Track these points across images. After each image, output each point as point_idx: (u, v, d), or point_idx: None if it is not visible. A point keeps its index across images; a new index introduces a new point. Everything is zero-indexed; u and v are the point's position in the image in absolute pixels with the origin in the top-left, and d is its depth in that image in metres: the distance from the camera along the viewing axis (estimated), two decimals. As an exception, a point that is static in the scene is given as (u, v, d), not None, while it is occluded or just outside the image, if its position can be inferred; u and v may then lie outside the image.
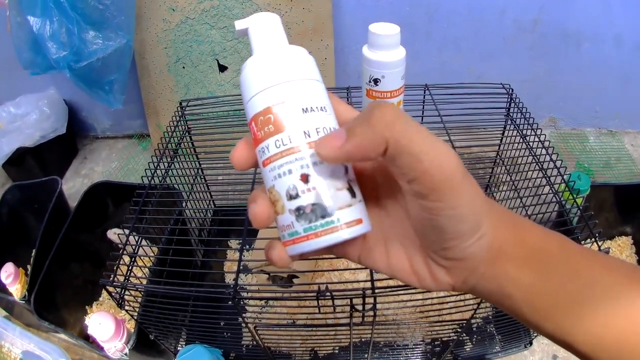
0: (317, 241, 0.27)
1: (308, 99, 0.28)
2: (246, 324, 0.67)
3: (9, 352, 0.88)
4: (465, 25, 1.25)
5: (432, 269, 0.29)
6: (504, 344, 0.93)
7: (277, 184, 0.27)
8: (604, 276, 0.27)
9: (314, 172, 0.27)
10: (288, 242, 0.28)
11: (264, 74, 0.28)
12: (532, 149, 0.83)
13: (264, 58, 0.29)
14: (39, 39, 1.05)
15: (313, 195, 0.27)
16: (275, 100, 0.27)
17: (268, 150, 0.27)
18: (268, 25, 0.30)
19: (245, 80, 0.29)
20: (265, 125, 0.27)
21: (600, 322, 0.26)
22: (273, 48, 0.29)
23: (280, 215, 0.28)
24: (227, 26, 1.21)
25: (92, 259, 1.11)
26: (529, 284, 0.27)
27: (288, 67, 0.28)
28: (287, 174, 0.27)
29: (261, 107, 0.28)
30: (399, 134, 0.25)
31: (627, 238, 1.10)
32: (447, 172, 0.25)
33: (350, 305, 0.59)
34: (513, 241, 0.28)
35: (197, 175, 1.02)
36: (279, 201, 0.27)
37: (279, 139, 0.27)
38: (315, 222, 0.27)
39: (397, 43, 0.59)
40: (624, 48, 1.27)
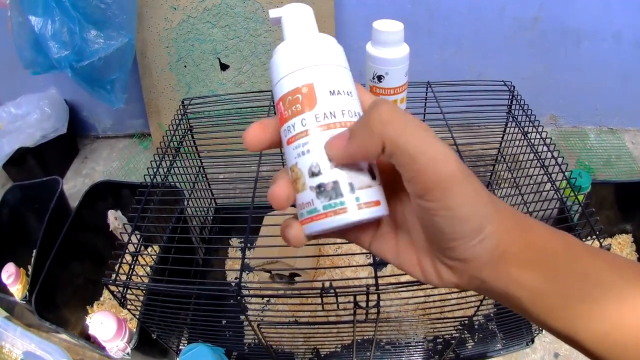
0: (335, 219, 0.27)
1: (335, 82, 0.29)
2: (249, 322, 0.67)
3: (9, 352, 0.87)
4: (466, 23, 1.25)
5: (437, 266, 0.30)
6: (505, 341, 0.93)
7: (300, 161, 0.28)
8: (611, 275, 0.27)
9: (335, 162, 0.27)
10: (306, 220, 0.28)
11: (294, 57, 0.29)
12: (534, 146, 0.83)
13: (295, 43, 0.30)
14: (41, 38, 1.04)
15: (335, 173, 0.27)
16: (305, 81, 0.28)
17: (294, 129, 0.28)
18: (300, 14, 0.31)
19: (275, 63, 0.30)
20: (292, 104, 0.28)
21: (607, 320, 0.27)
22: (304, 34, 0.31)
23: (300, 193, 0.28)
24: (228, 24, 1.21)
25: (93, 259, 1.10)
26: (535, 286, 0.28)
27: (317, 52, 0.29)
28: (311, 151, 0.27)
29: (290, 87, 0.28)
30: (395, 133, 0.25)
31: (627, 236, 1.10)
32: (442, 173, 0.25)
33: (354, 303, 0.59)
34: (519, 243, 0.28)
35: (199, 174, 1.02)
36: (300, 179, 0.28)
37: (305, 118, 0.28)
38: (335, 200, 0.27)
39: (401, 40, 0.59)
40: (623, 45, 1.27)
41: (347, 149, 0.27)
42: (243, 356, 0.93)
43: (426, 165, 0.25)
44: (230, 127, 0.95)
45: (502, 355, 0.93)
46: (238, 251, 1.11)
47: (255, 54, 1.25)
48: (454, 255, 0.28)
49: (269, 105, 0.92)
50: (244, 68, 1.28)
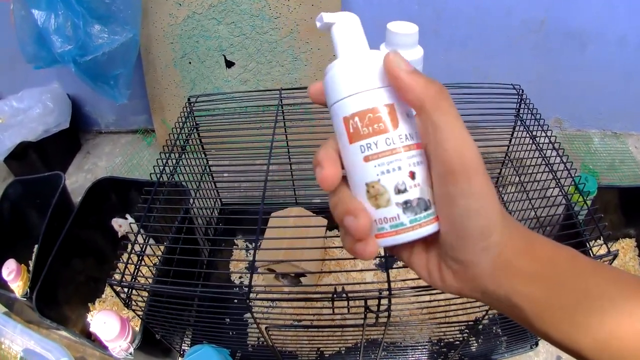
0: (420, 231, 0.29)
1: (406, 105, 0.30)
2: (257, 324, 0.67)
3: (9, 349, 0.87)
4: (472, 25, 1.25)
5: (442, 271, 0.31)
6: (509, 344, 0.93)
7: (384, 179, 0.29)
8: (613, 289, 0.29)
9: (418, 170, 0.29)
10: (389, 234, 0.30)
11: (367, 74, 0.29)
12: (542, 150, 0.82)
13: (366, 59, 0.30)
14: (44, 32, 1.04)
15: (419, 191, 0.29)
16: (385, 100, 0.29)
17: (376, 147, 0.29)
18: (353, 25, 0.32)
19: (339, 78, 0.30)
20: (373, 122, 0.29)
21: (606, 330, 0.27)
22: (365, 51, 0.31)
23: (381, 209, 0.30)
24: (234, 21, 1.20)
25: (96, 256, 1.10)
26: (538, 298, 0.29)
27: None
28: (397, 169, 0.29)
29: (368, 105, 0.29)
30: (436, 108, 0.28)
31: (630, 240, 1.10)
32: (468, 159, 0.28)
33: (365, 307, 0.59)
34: (524, 257, 0.29)
35: (205, 172, 1.02)
36: (383, 195, 0.29)
37: (390, 137, 0.29)
38: (420, 214, 0.29)
39: (415, 42, 0.58)
40: (628, 49, 1.27)
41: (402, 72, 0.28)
42: (247, 357, 0.92)
43: (456, 145, 0.28)
44: (237, 126, 0.94)
45: (505, 358, 0.93)
46: (242, 252, 1.11)
47: (261, 52, 1.24)
48: (459, 256, 0.30)
49: (277, 105, 0.91)
50: (249, 65, 1.27)
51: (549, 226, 0.78)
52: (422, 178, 0.29)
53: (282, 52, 1.24)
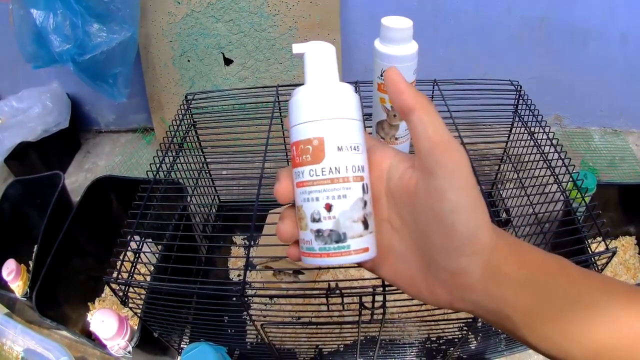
0: (328, 260, 0.31)
1: (344, 137, 0.31)
2: (253, 321, 0.67)
3: (10, 350, 0.87)
4: (472, 22, 1.25)
5: (430, 284, 0.31)
6: (508, 342, 0.93)
7: (305, 206, 0.31)
8: (603, 297, 0.28)
9: (337, 203, 0.31)
10: (305, 254, 0.32)
11: (311, 106, 0.31)
12: (540, 147, 0.82)
13: (313, 91, 0.32)
14: (43, 32, 1.04)
15: (332, 223, 0.31)
16: (316, 133, 0.31)
17: (302, 176, 0.31)
18: (322, 54, 0.33)
19: (293, 107, 0.32)
20: (304, 153, 0.31)
21: (599, 341, 0.27)
22: (323, 82, 0.33)
23: (302, 231, 0.32)
24: (233, 19, 1.20)
25: (95, 255, 1.10)
26: (527, 306, 0.28)
27: (332, 105, 0.31)
28: (315, 200, 0.31)
29: (303, 136, 0.31)
30: (426, 110, 0.30)
31: (630, 238, 1.10)
32: (457, 153, 0.28)
33: (360, 303, 0.59)
34: (512, 264, 0.29)
35: (202, 169, 1.02)
36: (303, 219, 0.32)
37: (313, 169, 0.31)
38: (329, 245, 0.31)
39: (410, 37, 0.58)
40: (629, 47, 1.26)
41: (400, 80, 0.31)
42: (245, 355, 0.92)
43: (444, 141, 0.29)
44: (234, 123, 0.94)
45: (505, 356, 0.93)
46: (241, 249, 1.11)
47: (260, 49, 1.24)
48: (448, 264, 0.29)
49: (274, 101, 0.91)
50: (247, 63, 1.27)
51: (548, 223, 0.77)
52: (339, 212, 0.31)
53: (280, 49, 1.24)
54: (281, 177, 0.33)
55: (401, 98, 0.30)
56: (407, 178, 0.31)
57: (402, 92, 0.30)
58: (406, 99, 0.30)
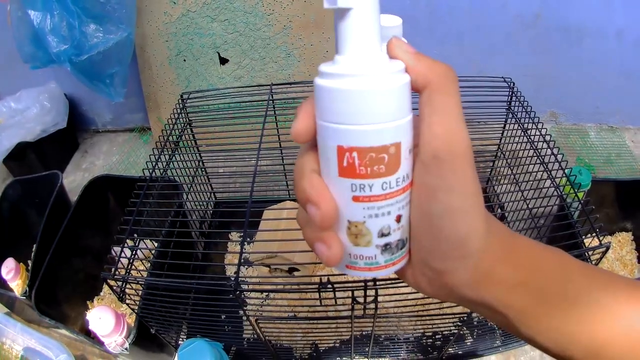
0: (393, 268, 0.28)
1: (410, 137, 0.26)
2: (247, 317, 0.67)
3: (10, 349, 0.87)
4: (467, 20, 1.25)
5: (415, 276, 0.30)
6: (504, 338, 0.93)
7: (370, 222, 0.26)
8: (604, 295, 0.27)
9: (405, 211, 0.27)
10: (362, 269, 0.28)
11: (383, 101, 0.24)
12: (534, 143, 0.83)
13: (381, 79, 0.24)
14: (40, 32, 1.04)
15: (399, 233, 0.27)
16: (394, 139, 0.25)
17: (370, 190, 0.25)
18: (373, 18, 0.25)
19: (345, 96, 0.24)
20: (375, 163, 0.25)
21: (599, 339, 0.27)
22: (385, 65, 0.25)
23: (361, 247, 0.27)
24: (228, 19, 1.21)
25: (93, 253, 1.10)
26: (523, 306, 0.27)
27: (405, 99, 0.25)
28: (386, 215, 0.26)
29: (376, 142, 0.24)
30: (439, 88, 0.25)
31: (627, 234, 1.10)
32: (457, 149, 0.25)
33: (352, 298, 0.59)
34: (505, 264, 0.27)
35: (198, 167, 1.02)
36: (365, 236, 0.27)
37: (387, 182, 0.25)
38: (395, 254, 0.28)
39: (400, 35, 0.58)
40: (625, 44, 1.26)
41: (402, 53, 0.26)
42: (242, 351, 0.93)
43: (446, 133, 0.25)
44: (230, 121, 0.95)
45: (500, 352, 0.93)
46: (237, 245, 1.11)
47: (255, 48, 1.25)
48: (433, 264, 0.28)
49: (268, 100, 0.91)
50: (243, 62, 1.28)
51: (542, 218, 0.78)
52: (406, 218, 0.27)
53: (275, 48, 1.25)
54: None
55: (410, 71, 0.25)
56: None
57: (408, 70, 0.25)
58: (415, 78, 0.25)
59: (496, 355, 0.94)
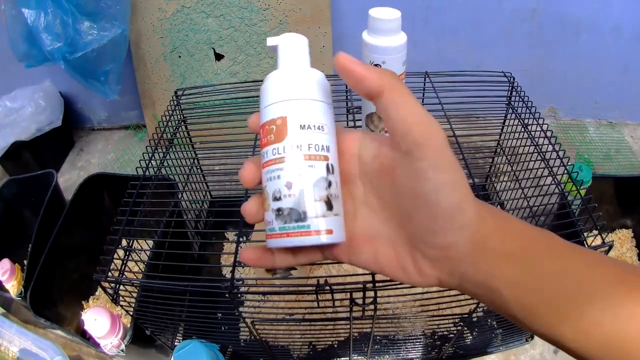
0: (289, 240, 0.31)
1: (307, 117, 0.31)
2: (243, 318, 0.66)
3: (6, 350, 0.86)
4: (463, 14, 1.24)
5: (418, 263, 0.30)
6: (504, 337, 0.92)
7: (268, 185, 0.31)
8: (593, 275, 0.28)
9: (298, 181, 0.30)
10: (268, 235, 0.32)
11: (276, 89, 0.32)
12: (534, 139, 0.81)
13: (281, 75, 0.33)
14: (34, 31, 1.04)
15: (292, 201, 0.30)
16: (280, 113, 0.31)
17: (267, 155, 0.32)
18: (294, 45, 0.34)
19: (263, 91, 0.33)
20: (268, 133, 0.32)
21: (588, 320, 0.27)
22: (291, 67, 0.34)
23: (266, 212, 0.32)
24: (223, 14, 1.20)
25: (88, 253, 1.09)
26: (515, 280, 0.28)
27: (297, 86, 0.32)
28: (276, 178, 0.31)
29: (269, 117, 0.32)
30: (396, 89, 0.29)
31: (627, 231, 1.09)
32: (432, 132, 0.28)
33: (351, 299, 0.58)
34: (498, 236, 0.29)
35: (193, 165, 1.01)
36: (266, 200, 0.32)
37: (276, 148, 0.31)
38: (289, 224, 0.30)
39: (398, 28, 0.57)
40: (623, 38, 1.25)
41: (354, 66, 0.29)
42: (238, 352, 0.92)
43: (419, 120, 0.28)
44: (225, 118, 0.93)
45: (501, 351, 0.93)
46: (233, 245, 1.10)
47: (250, 44, 1.24)
48: (435, 240, 0.29)
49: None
50: (238, 58, 1.26)
51: (543, 216, 0.77)
52: (300, 190, 0.30)
53: (271, 44, 1.23)
54: (246, 162, 0.34)
55: (363, 85, 0.29)
56: (383, 158, 0.31)
57: (363, 78, 0.29)
58: (369, 84, 0.29)
59: (496, 355, 0.93)
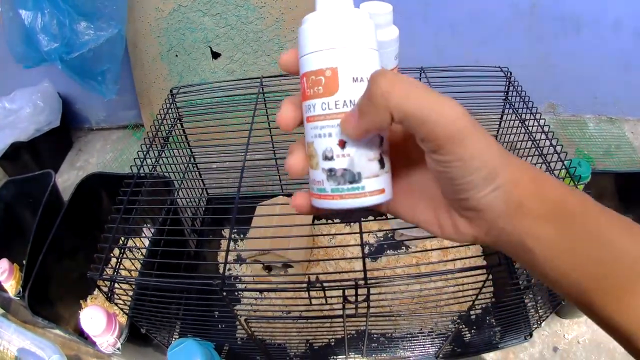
0: (341, 202, 0.29)
1: (359, 68, 0.29)
2: (237, 316, 0.66)
3: (5, 350, 0.87)
4: (462, 9, 1.23)
5: (455, 221, 0.31)
6: (503, 335, 0.92)
7: (317, 142, 0.30)
8: (624, 238, 0.28)
9: (351, 139, 0.29)
10: (315, 195, 0.31)
11: (322, 34, 0.29)
12: (532, 134, 0.81)
13: (326, 17, 0.29)
14: (31, 32, 1.04)
15: (346, 161, 0.29)
16: (329, 63, 0.28)
17: (314, 109, 0.29)
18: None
19: (302, 35, 0.30)
20: (315, 85, 0.29)
21: (619, 287, 0.27)
22: (336, 8, 0.30)
23: (313, 170, 0.30)
24: (219, 12, 1.20)
25: (86, 252, 1.09)
26: (548, 239, 0.28)
27: (346, 32, 0.29)
28: (327, 136, 0.29)
29: (314, 66, 0.29)
30: (399, 102, 0.27)
31: (628, 227, 1.08)
32: (452, 129, 0.27)
33: (343, 297, 0.58)
34: (533, 195, 0.29)
35: (190, 163, 1.01)
36: (314, 157, 0.30)
37: (326, 102, 0.29)
38: (342, 185, 0.29)
39: (390, 22, 0.57)
40: (623, 34, 1.24)
41: (360, 126, 0.28)
42: (234, 350, 0.91)
43: (435, 124, 0.26)
44: (221, 116, 0.93)
45: (500, 349, 0.92)
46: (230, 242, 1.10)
47: (247, 42, 1.24)
48: (470, 205, 0.29)
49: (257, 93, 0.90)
50: (235, 56, 1.26)
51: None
52: (353, 149, 0.29)
53: (267, 41, 1.23)
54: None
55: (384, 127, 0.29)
56: None
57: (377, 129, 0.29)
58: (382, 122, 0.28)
59: (495, 353, 0.92)
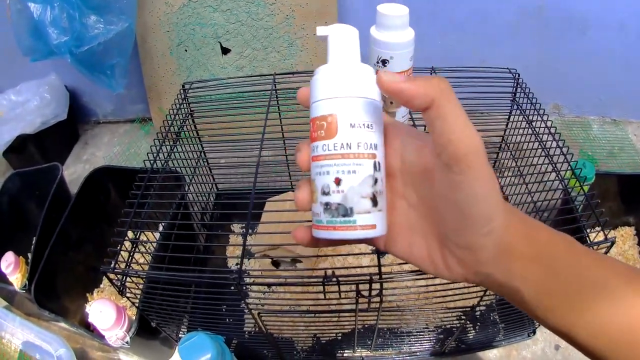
0: (335, 233, 0.32)
1: (357, 115, 0.32)
2: (250, 310, 0.67)
3: (9, 343, 0.87)
4: (470, 10, 1.24)
5: (446, 259, 0.33)
6: (507, 332, 0.93)
7: (317, 179, 0.33)
8: (607, 277, 0.30)
9: (346, 178, 0.32)
10: (315, 226, 0.34)
11: (327, 85, 0.33)
12: (538, 135, 0.82)
13: (332, 70, 0.33)
14: (40, 25, 1.04)
15: (340, 197, 0.32)
16: (330, 110, 0.32)
17: (317, 150, 0.33)
18: (345, 37, 0.35)
19: (313, 85, 0.34)
20: (319, 129, 0.33)
21: (601, 318, 0.29)
22: (342, 63, 0.34)
23: (314, 204, 0.34)
24: (230, 8, 1.20)
25: (94, 246, 1.10)
26: (536, 281, 0.30)
27: (347, 84, 0.33)
28: (326, 174, 0.32)
29: (319, 112, 0.33)
30: (445, 101, 0.29)
31: (630, 228, 1.09)
32: (472, 148, 0.28)
33: (357, 291, 0.59)
34: (523, 240, 0.31)
35: (200, 158, 1.01)
36: (315, 192, 0.33)
37: (326, 144, 0.32)
38: (336, 218, 0.32)
39: (406, 24, 0.58)
40: (628, 35, 1.25)
41: (401, 84, 0.30)
42: (243, 344, 0.92)
43: (460, 137, 0.28)
44: (232, 112, 0.94)
45: (503, 346, 0.93)
46: (239, 237, 1.11)
47: (257, 38, 1.24)
48: (465, 242, 0.31)
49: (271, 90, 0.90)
50: (245, 52, 1.27)
51: (546, 211, 0.77)
52: (348, 186, 0.32)
53: (277, 38, 1.24)
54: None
55: (413, 103, 0.30)
56: (424, 160, 0.33)
57: (412, 97, 0.30)
58: (420, 102, 0.29)
59: (498, 349, 0.93)
